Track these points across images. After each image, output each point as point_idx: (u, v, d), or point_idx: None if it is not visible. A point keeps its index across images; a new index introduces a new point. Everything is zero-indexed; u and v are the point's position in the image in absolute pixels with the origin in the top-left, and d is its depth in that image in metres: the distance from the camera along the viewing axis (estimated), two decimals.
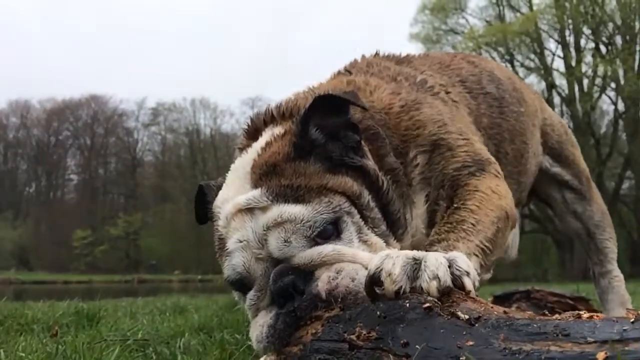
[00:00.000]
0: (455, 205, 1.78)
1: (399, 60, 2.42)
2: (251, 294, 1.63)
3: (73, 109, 65.04)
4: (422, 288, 1.28)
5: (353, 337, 1.35)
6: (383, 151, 1.88)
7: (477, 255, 1.63)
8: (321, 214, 1.59)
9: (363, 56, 2.45)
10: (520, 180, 2.48)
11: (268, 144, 1.78)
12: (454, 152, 1.95)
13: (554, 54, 34.59)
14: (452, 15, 36.25)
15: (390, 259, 1.34)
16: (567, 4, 32.39)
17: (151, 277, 45.82)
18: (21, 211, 64.10)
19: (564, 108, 32.30)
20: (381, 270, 1.33)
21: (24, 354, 2.09)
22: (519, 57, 34.44)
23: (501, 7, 36.19)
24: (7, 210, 62.34)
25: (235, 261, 1.63)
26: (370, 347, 1.31)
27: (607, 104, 35.97)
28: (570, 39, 33.62)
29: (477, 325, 1.18)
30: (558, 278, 28.83)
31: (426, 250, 1.58)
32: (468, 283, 1.31)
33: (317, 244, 1.58)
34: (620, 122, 34.15)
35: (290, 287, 1.52)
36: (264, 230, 1.58)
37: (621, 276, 2.97)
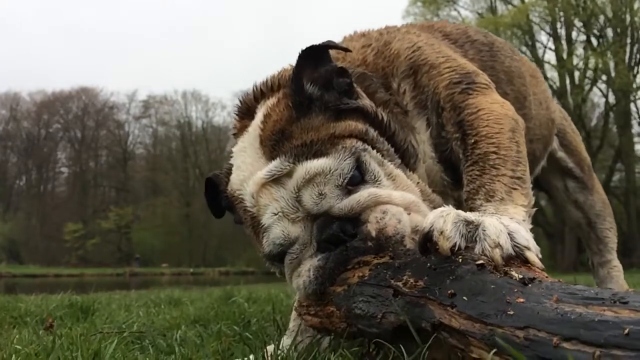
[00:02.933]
0: (472, 141, 1.75)
1: (380, 29, 2.37)
2: (293, 248, 1.64)
3: (63, 101, 64.61)
4: (483, 254, 1.27)
5: (399, 284, 1.37)
6: (372, 89, 1.91)
7: (516, 188, 1.61)
8: (345, 160, 1.62)
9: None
10: (527, 125, 2.37)
11: (267, 116, 1.78)
12: (438, 70, 1.94)
13: (545, 47, 34.73)
14: (443, 7, 36.20)
15: (440, 218, 1.34)
16: None
17: (143, 270, 45.77)
18: (11, 204, 63.69)
19: (556, 101, 32.32)
20: (433, 229, 1.33)
21: (19, 347, 2.06)
22: None
23: (493, 0, 36.22)
24: None
25: (274, 234, 1.64)
26: (415, 295, 1.32)
27: (598, 97, 36.18)
28: (562, 32, 33.72)
29: (530, 285, 1.17)
30: (549, 269, 28.88)
31: (467, 203, 1.62)
32: (532, 257, 1.30)
33: (349, 191, 1.61)
34: (611, 115, 34.32)
35: (339, 232, 1.57)
36: (296, 192, 1.60)
37: (620, 266, 2.97)
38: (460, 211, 1.38)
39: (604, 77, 33.12)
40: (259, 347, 1.93)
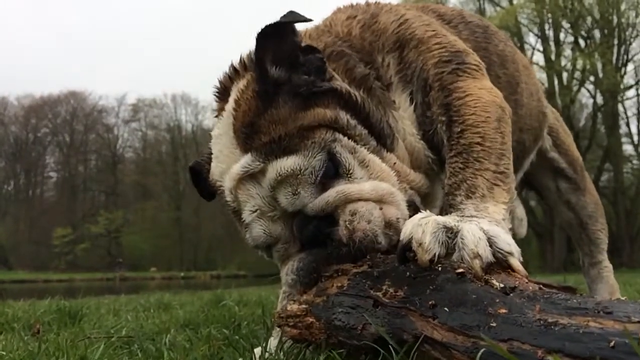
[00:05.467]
0: (458, 129, 1.71)
1: (368, 1, 2.26)
2: (278, 247, 1.68)
3: (52, 105, 64.20)
4: (462, 263, 1.26)
5: (379, 294, 1.35)
6: (350, 64, 1.84)
7: (498, 184, 1.58)
8: (315, 157, 1.59)
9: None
10: (518, 112, 2.33)
11: (237, 103, 1.72)
12: (427, 46, 1.87)
13: (533, 48, 34.90)
14: None
15: (419, 227, 1.32)
16: None
17: (133, 274, 45.51)
18: None
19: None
20: (411, 239, 1.31)
21: (4, 353, 2.02)
22: None
23: (481, 2, 36.44)
24: None
25: (256, 232, 1.66)
26: (395, 305, 1.30)
27: (586, 97, 36.45)
28: (550, 33, 33.94)
29: (511, 294, 1.14)
30: (539, 269, 29.18)
31: (447, 197, 1.59)
32: (515, 263, 1.27)
33: (324, 186, 1.60)
34: (599, 115, 34.58)
35: (317, 232, 1.58)
36: (271, 191, 1.61)
37: (610, 266, 2.96)
38: (438, 217, 1.36)
39: (591, 78, 33.39)
40: (248, 349, 1.91)
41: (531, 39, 35.14)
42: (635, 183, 36.54)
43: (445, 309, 1.18)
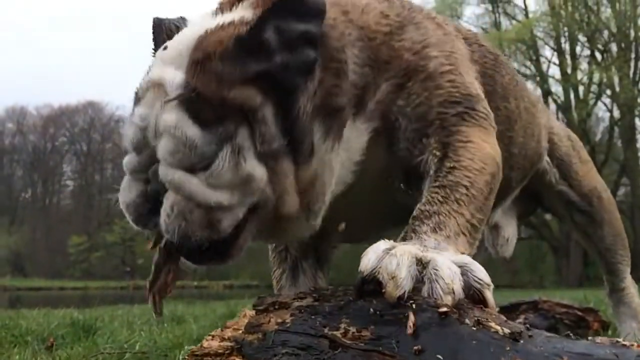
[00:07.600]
0: (450, 165, 1.60)
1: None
2: (130, 158, 1.57)
3: (69, 115, 64.97)
4: (433, 297, 1.12)
5: (337, 333, 1.11)
6: (336, 90, 1.58)
7: (465, 235, 1.48)
8: (210, 145, 1.38)
9: None
10: (510, 150, 2.19)
11: (218, 28, 1.50)
12: (436, 83, 1.69)
13: (549, 61, 34.75)
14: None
15: (393, 258, 1.17)
16: (562, 12, 32.58)
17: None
18: (17, 217, 63.83)
19: (560, 115, 32.30)
20: (379, 269, 1.15)
21: None
22: (515, 64, 34.46)
23: (497, 15, 36.39)
24: (2, 216, 62.06)
25: (130, 137, 1.53)
26: (362, 348, 1.07)
27: (603, 111, 36.16)
28: (566, 46, 33.78)
29: (522, 341, 0.97)
30: (554, 284, 28.83)
31: (413, 222, 1.49)
32: (490, 298, 1.16)
33: (194, 169, 1.39)
34: (616, 129, 34.28)
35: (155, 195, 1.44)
36: (161, 130, 1.41)
37: (633, 290, 2.86)
38: (409, 247, 1.24)
39: (608, 92, 33.15)
40: None
41: (547, 52, 35.04)
42: None
43: (439, 356, 0.98)
